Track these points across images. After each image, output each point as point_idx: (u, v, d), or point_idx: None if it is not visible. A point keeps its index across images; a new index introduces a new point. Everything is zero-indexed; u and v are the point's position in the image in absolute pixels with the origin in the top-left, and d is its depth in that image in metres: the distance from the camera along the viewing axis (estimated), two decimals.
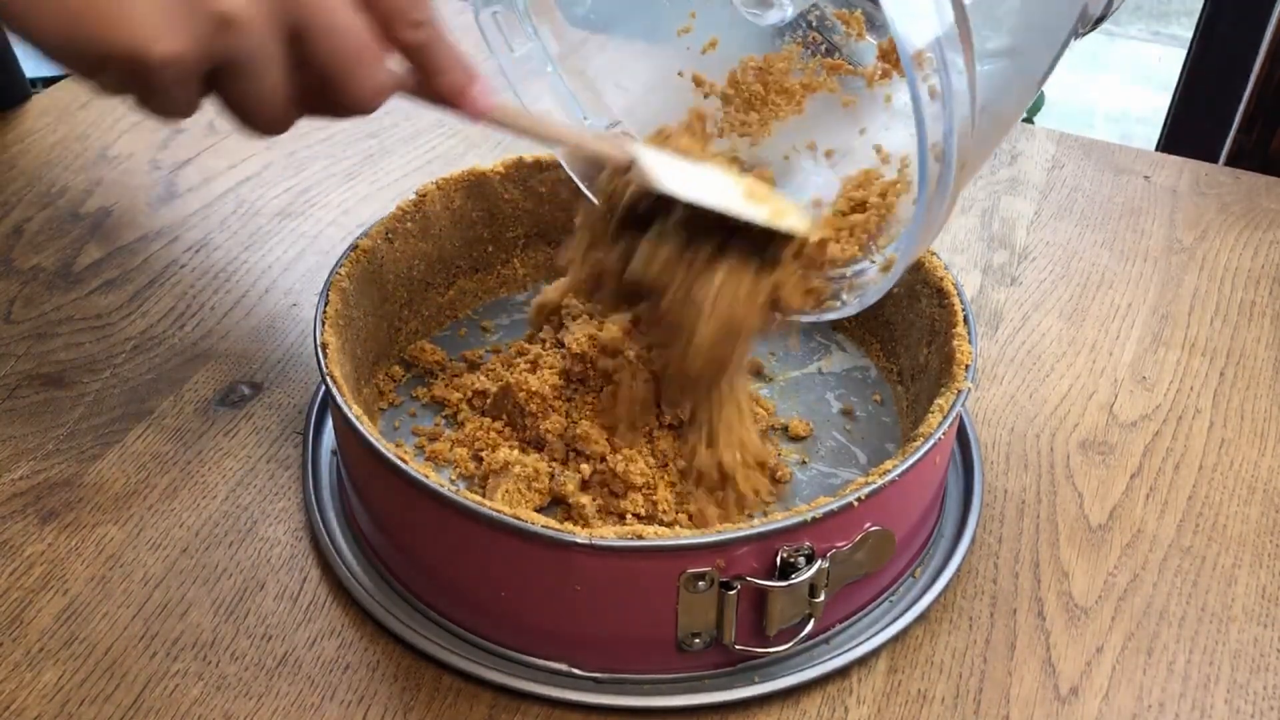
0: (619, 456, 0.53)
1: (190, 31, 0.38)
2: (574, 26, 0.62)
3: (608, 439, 0.54)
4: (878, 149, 0.55)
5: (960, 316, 0.55)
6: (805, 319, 0.53)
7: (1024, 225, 0.79)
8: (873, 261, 0.51)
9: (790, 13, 0.60)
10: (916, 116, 0.40)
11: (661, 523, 0.53)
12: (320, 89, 0.42)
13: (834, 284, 0.53)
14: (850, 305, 0.51)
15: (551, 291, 0.61)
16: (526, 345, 0.62)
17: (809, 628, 0.48)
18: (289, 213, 0.78)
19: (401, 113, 0.89)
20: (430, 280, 0.65)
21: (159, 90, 0.39)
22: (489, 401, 0.59)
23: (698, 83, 0.63)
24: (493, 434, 0.57)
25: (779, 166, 0.60)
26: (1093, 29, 0.53)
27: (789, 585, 0.46)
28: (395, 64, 0.44)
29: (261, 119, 0.42)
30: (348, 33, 0.41)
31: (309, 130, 0.87)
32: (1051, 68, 0.51)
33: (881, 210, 0.52)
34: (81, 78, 0.40)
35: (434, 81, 0.45)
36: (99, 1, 0.37)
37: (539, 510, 0.53)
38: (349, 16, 0.41)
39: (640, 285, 0.52)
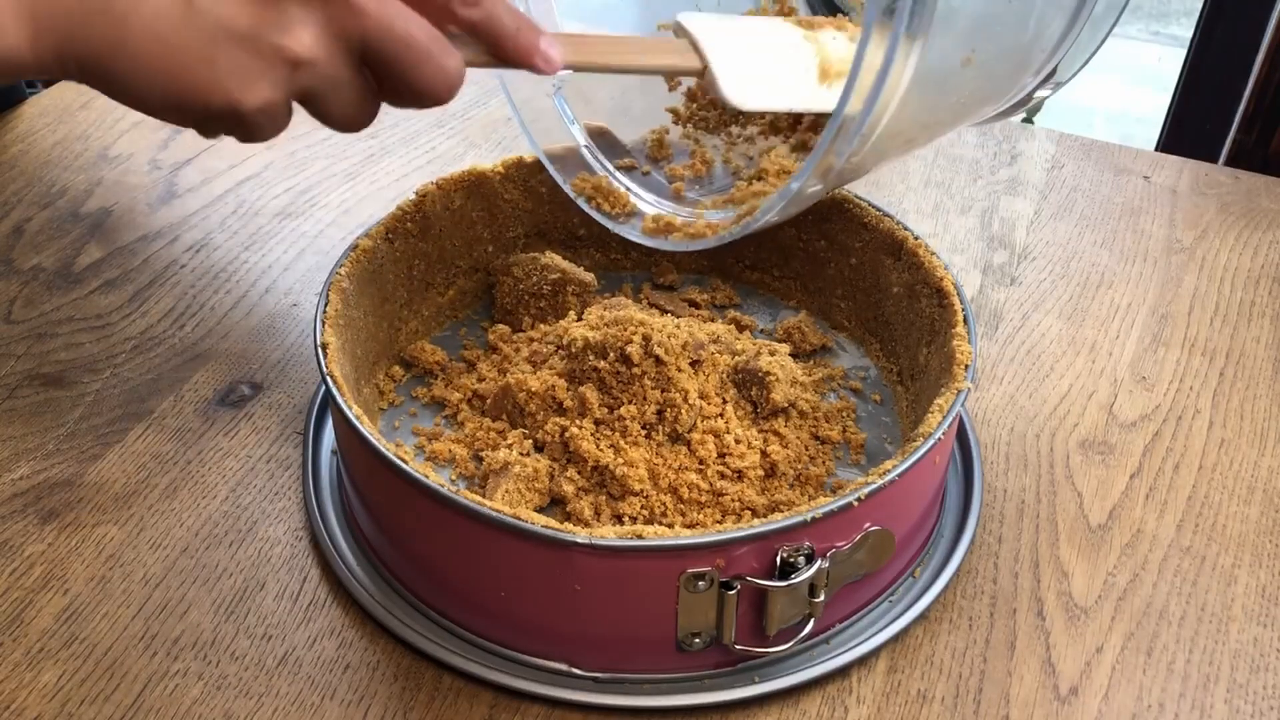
0: (619, 461, 0.53)
1: (271, 79, 0.42)
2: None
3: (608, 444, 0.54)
4: None
5: (960, 316, 0.55)
6: (723, 239, 0.55)
7: (1024, 225, 0.79)
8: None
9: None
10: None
11: (660, 523, 0.53)
12: (397, 88, 0.45)
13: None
14: (758, 218, 0.53)
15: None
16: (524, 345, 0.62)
17: (809, 628, 0.48)
18: (289, 213, 0.78)
19: (402, 113, 0.89)
20: (430, 280, 0.65)
21: (257, 128, 0.44)
22: (489, 401, 0.59)
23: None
24: (493, 434, 0.57)
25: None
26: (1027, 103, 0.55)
27: (789, 585, 0.46)
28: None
29: (346, 125, 0.47)
30: (409, 36, 0.44)
31: (309, 130, 0.87)
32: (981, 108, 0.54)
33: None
34: (185, 126, 0.45)
35: (503, 49, 0.48)
36: (188, 70, 0.42)
37: (539, 510, 0.53)
38: (406, 20, 0.44)
39: None
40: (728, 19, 0.56)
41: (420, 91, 0.45)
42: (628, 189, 0.64)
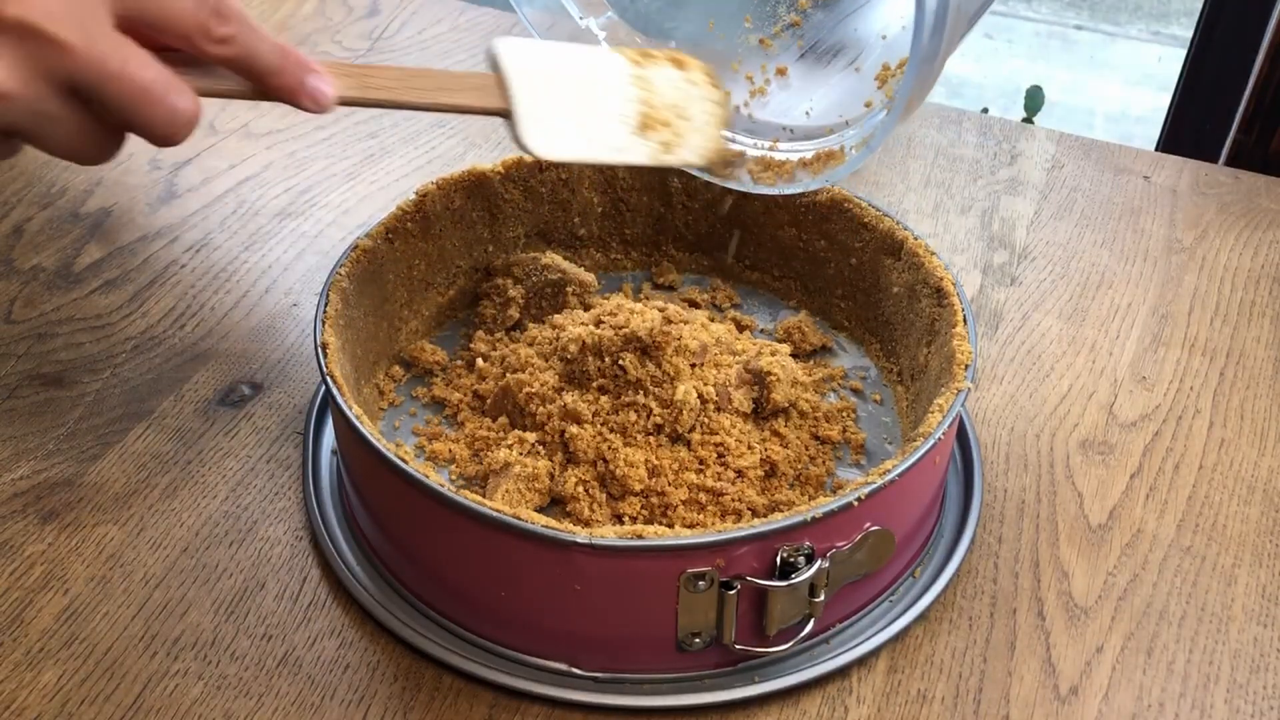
0: (620, 459, 0.53)
1: None
2: None
3: (610, 444, 0.54)
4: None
5: (960, 316, 0.55)
6: (812, 184, 0.54)
7: (1024, 225, 0.79)
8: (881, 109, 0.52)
9: None
10: None
11: (660, 523, 0.53)
12: (122, 125, 0.42)
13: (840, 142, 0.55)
14: (857, 156, 0.51)
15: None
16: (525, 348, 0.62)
17: (809, 627, 0.48)
18: (289, 213, 0.78)
19: (402, 113, 0.89)
20: (430, 280, 0.65)
21: None
22: (489, 401, 0.59)
23: None
24: (493, 434, 0.57)
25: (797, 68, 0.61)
26: None
27: (789, 585, 0.46)
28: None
29: (75, 158, 0.43)
30: (125, 75, 0.41)
31: (309, 130, 0.87)
32: None
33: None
34: None
35: (267, 86, 0.44)
36: None
37: (539, 510, 0.53)
38: (124, 59, 0.41)
39: None
40: (553, 48, 0.53)
41: (145, 132, 0.42)
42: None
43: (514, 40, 0.51)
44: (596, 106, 0.51)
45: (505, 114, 0.49)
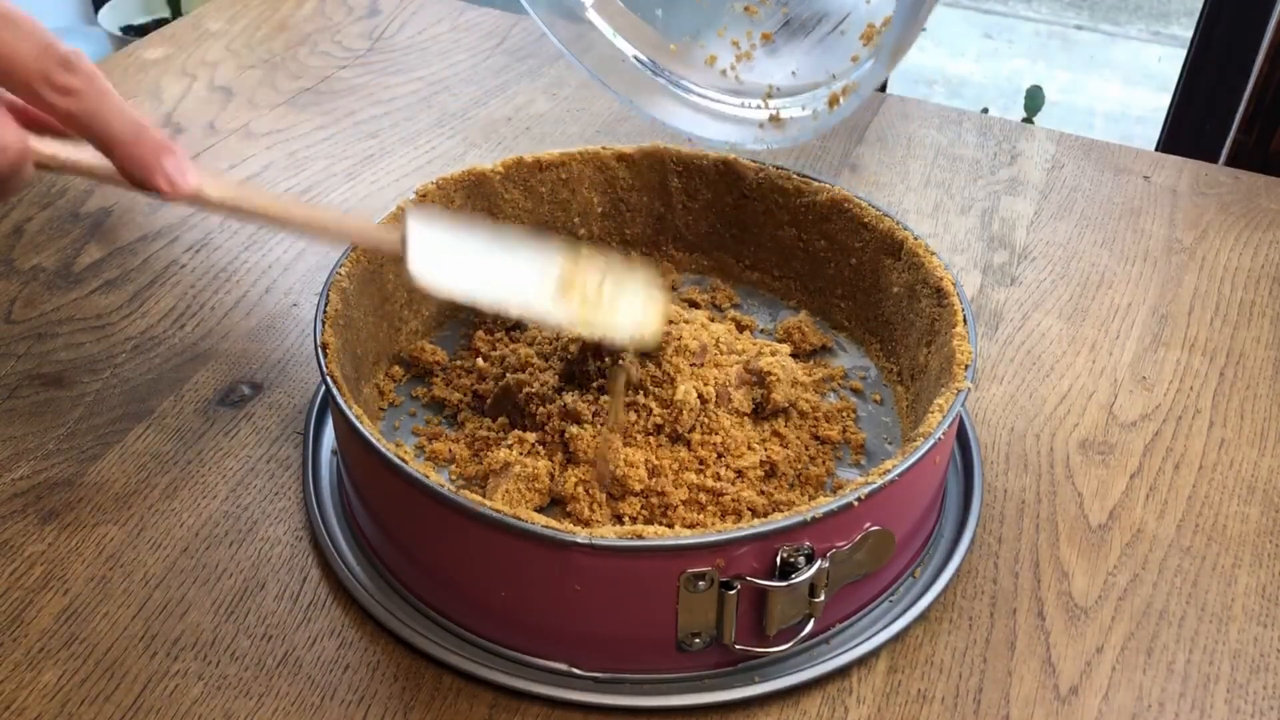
0: (619, 460, 0.53)
1: None
2: None
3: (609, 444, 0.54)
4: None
5: (960, 316, 0.55)
6: (802, 136, 0.54)
7: (1024, 225, 0.79)
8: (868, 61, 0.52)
9: None
10: None
11: (660, 523, 0.53)
12: None
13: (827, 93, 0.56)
14: (846, 104, 0.51)
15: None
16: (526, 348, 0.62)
17: (809, 627, 0.48)
18: None
19: (402, 113, 0.89)
20: None
21: None
22: (489, 401, 0.59)
23: None
24: (493, 434, 0.57)
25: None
26: None
27: (789, 585, 0.46)
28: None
29: None
30: None
31: (309, 130, 0.87)
32: None
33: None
34: None
35: (117, 156, 0.41)
36: None
37: (539, 510, 0.53)
38: None
39: None
40: (476, 231, 0.53)
41: None
42: (691, 92, 0.63)
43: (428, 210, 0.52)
44: (501, 263, 0.51)
45: (398, 253, 0.50)
